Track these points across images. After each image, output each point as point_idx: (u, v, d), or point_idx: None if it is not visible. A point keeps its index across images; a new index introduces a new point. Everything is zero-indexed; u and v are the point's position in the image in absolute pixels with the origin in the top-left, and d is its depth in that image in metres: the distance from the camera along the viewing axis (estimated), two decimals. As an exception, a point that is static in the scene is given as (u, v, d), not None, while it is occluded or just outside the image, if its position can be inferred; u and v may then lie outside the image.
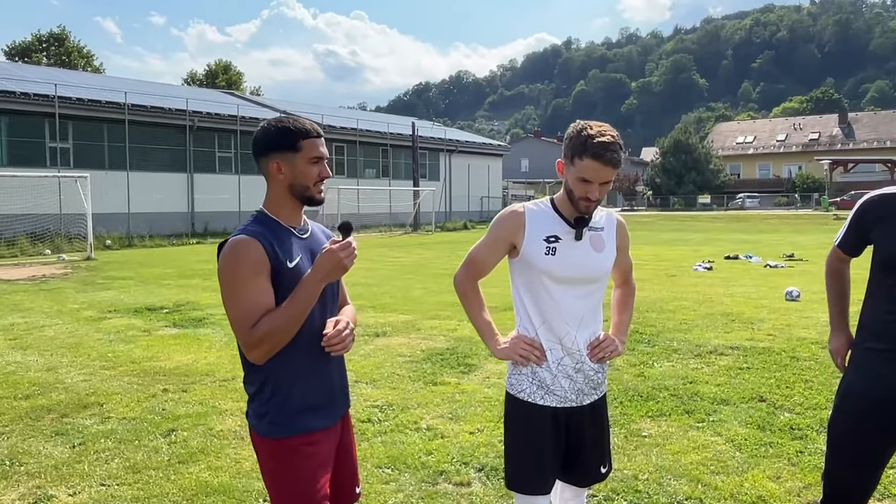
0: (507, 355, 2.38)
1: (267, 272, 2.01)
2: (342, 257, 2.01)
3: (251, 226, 2.09)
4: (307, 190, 2.13)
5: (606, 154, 2.18)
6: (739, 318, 8.53)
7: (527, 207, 2.40)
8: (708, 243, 23.23)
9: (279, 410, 2.08)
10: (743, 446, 4.24)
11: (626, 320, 2.60)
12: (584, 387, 2.38)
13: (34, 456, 4.24)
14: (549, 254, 2.30)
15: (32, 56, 50.68)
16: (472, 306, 2.50)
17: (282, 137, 2.10)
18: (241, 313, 1.99)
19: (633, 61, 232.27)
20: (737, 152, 69.67)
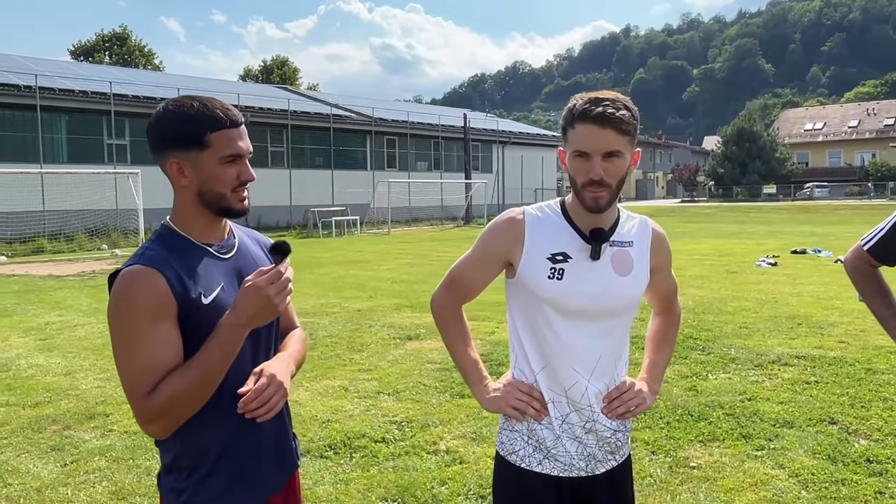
0: (498, 407, 1.82)
1: (172, 315, 1.51)
2: (271, 295, 1.48)
3: (151, 248, 1.58)
4: (222, 199, 1.60)
5: (598, 109, 1.60)
6: (807, 322, 7.76)
7: (527, 213, 1.80)
8: (772, 236, 22.00)
9: (200, 489, 1.61)
10: (810, 483, 3.62)
11: (662, 361, 1.98)
12: (596, 451, 1.80)
13: (21, 475, 3.96)
14: (555, 277, 1.72)
15: (95, 56, 52.18)
16: (452, 339, 1.93)
17: (181, 128, 1.55)
18: (134, 375, 1.49)
19: (694, 48, 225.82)
20: (805, 140, 66.61)
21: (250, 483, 1.67)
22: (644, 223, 1.85)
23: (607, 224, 1.76)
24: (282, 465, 1.76)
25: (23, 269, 15.54)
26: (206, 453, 1.61)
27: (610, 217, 1.77)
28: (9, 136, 23.19)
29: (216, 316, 1.55)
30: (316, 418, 4.83)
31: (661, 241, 1.87)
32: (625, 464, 1.88)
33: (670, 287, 1.99)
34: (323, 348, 6.97)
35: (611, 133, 1.61)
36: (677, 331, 2.05)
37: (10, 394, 5.57)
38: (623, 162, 1.66)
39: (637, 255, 1.79)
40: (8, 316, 9.29)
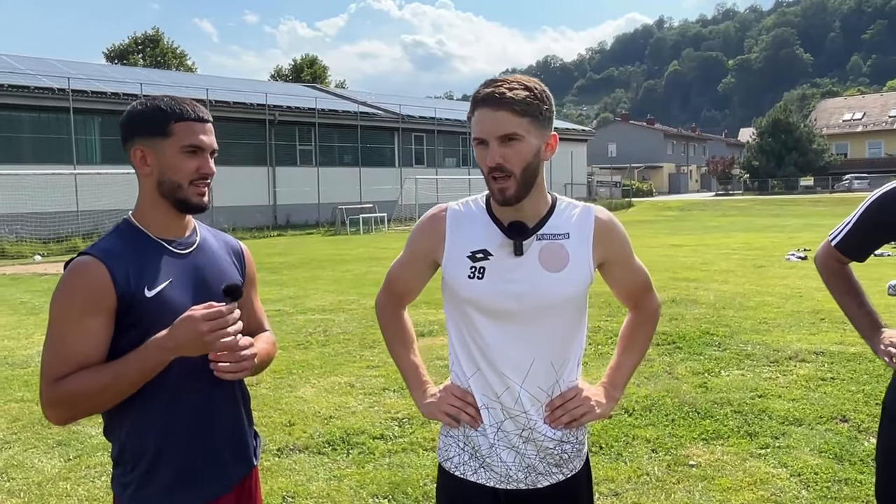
0: (432, 413, 1.72)
1: (107, 309, 1.53)
2: (203, 331, 1.49)
3: (105, 241, 1.62)
4: (179, 190, 1.62)
5: (488, 90, 1.51)
6: (830, 317, 7.54)
7: (450, 209, 1.71)
8: (806, 229, 21.50)
9: (143, 484, 1.61)
10: (811, 483, 3.51)
11: (627, 363, 1.79)
12: (537, 463, 1.67)
13: (25, 470, 4.04)
14: (475, 276, 1.61)
15: (129, 58, 53.24)
16: (391, 342, 1.86)
17: (148, 117, 1.61)
18: (50, 359, 1.53)
19: (730, 38, 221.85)
20: (843, 130, 64.90)
21: (196, 481, 1.65)
22: (586, 212, 1.69)
23: (535, 215, 1.64)
24: (234, 464, 1.73)
25: (55, 269, 15.90)
26: (148, 448, 1.61)
27: (537, 207, 1.64)
28: (43, 139, 23.81)
29: (158, 310, 1.56)
30: (318, 415, 4.85)
31: (609, 231, 1.69)
32: (576, 479, 1.72)
33: (637, 281, 1.80)
34: (335, 345, 7.00)
35: (505, 115, 1.50)
36: (651, 329, 1.85)
37: (25, 390, 5.69)
38: (524, 146, 1.53)
39: (575, 247, 1.64)
40: (35, 314, 9.51)
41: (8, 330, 8.35)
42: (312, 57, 62.84)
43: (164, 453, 1.61)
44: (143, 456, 1.61)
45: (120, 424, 1.62)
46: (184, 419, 1.63)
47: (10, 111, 23.02)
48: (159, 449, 1.61)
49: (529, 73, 73.36)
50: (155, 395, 1.58)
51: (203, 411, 1.66)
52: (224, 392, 1.70)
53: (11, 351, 7.16)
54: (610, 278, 1.76)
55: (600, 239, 1.67)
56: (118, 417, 1.62)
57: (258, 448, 1.84)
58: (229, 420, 1.72)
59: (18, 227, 21.15)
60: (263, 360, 1.77)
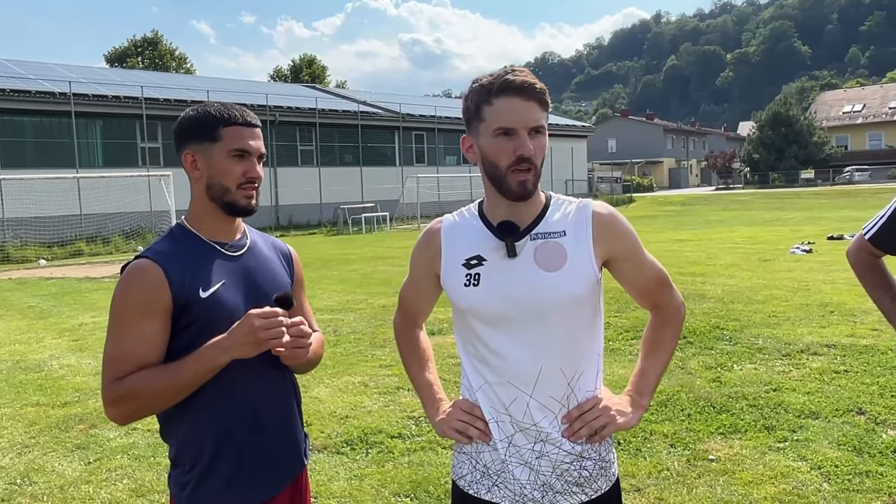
0: (443, 432, 1.65)
1: (163, 311, 1.58)
2: (258, 326, 1.53)
3: (160, 244, 1.67)
4: (227, 193, 1.66)
5: (521, 78, 1.47)
6: (839, 310, 7.56)
7: (444, 221, 1.68)
8: (809, 222, 21.48)
9: (200, 485, 1.65)
10: (832, 476, 3.52)
11: (653, 368, 1.66)
12: (552, 480, 1.56)
13: (46, 474, 4.06)
14: (471, 284, 1.56)
15: (129, 61, 53.24)
16: (406, 361, 1.84)
17: (198, 123, 1.66)
18: (110, 359, 1.58)
19: (728, 32, 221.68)
20: (843, 122, 64.87)
21: (253, 479, 1.68)
22: (583, 207, 1.60)
23: (529, 214, 1.58)
24: (286, 464, 1.76)
25: (60, 272, 15.94)
26: (206, 448, 1.64)
27: (531, 207, 1.58)
28: (46, 143, 23.82)
29: (213, 310, 1.61)
30: (334, 414, 4.86)
31: (610, 226, 1.58)
32: (600, 501, 1.59)
33: (650, 278, 1.66)
34: (346, 344, 7.01)
35: (535, 106, 1.49)
36: (675, 330, 1.70)
37: (41, 394, 5.71)
38: (545, 140, 1.53)
39: (573, 245, 1.55)
40: (44, 318, 9.53)
41: (18, 334, 8.37)
42: (311, 57, 62.79)
43: (222, 452, 1.64)
44: (200, 456, 1.64)
45: (178, 425, 1.65)
46: (240, 418, 1.66)
47: (13, 116, 23.02)
48: (217, 448, 1.64)
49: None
50: (212, 395, 1.61)
51: (259, 410, 1.69)
52: (279, 391, 1.75)
53: (24, 355, 7.18)
54: (619, 276, 1.65)
55: (601, 234, 1.57)
56: (175, 418, 1.65)
57: (307, 448, 1.87)
58: (284, 419, 1.76)
59: (22, 232, 21.17)
60: (311, 359, 1.78)
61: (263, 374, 1.67)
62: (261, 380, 1.68)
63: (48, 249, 20.70)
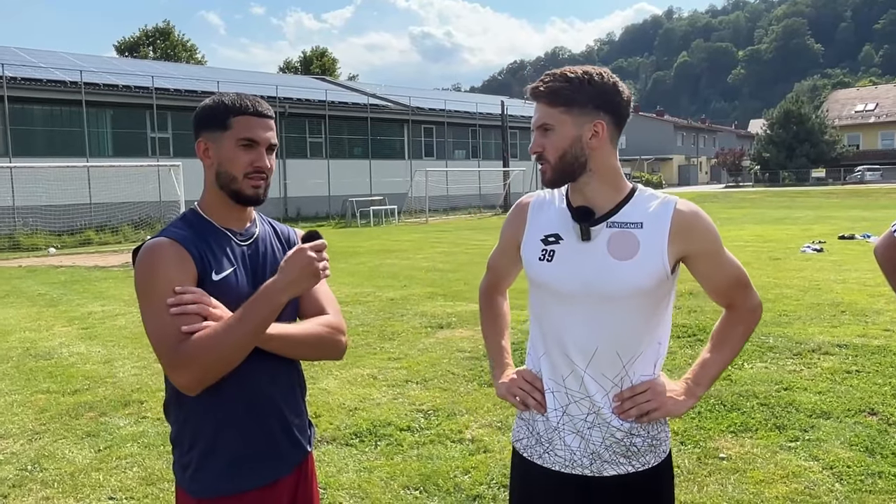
0: (503, 395, 1.79)
1: (191, 279, 1.60)
2: (314, 258, 1.58)
3: (174, 227, 1.67)
4: (234, 181, 1.66)
5: (531, 86, 1.64)
6: (851, 310, 7.51)
7: (536, 196, 1.78)
8: (820, 221, 21.35)
9: (202, 465, 1.64)
10: (844, 476, 3.50)
11: (715, 361, 1.71)
12: (602, 450, 1.65)
13: (57, 461, 4.07)
14: (545, 259, 1.67)
15: (140, 51, 53.32)
16: (486, 324, 1.95)
17: (211, 112, 1.68)
18: (163, 328, 1.54)
19: (740, 28, 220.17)
20: (856, 121, 64.37)
21: (255, 463, 1.67)
22: (666, 204, 1.63)
23: (607, 202, 1.64)
24: (289, 451, 1.75)
25: (70, 261, 16.01)
26: (207, 430, 1.64)
27: (608, 194, 1.64)
28: (57, 132, 23.90)
29: (223, 293, 1.62)
30: (343, 406, 4.86)
31: (691, 225, 1.61)
32: (649, 475, 1.66)
33: (728, 278, 1.69)
34: (354, 337, 7.01)
35: (541, 107, 1.62)
36: (747, 329, 1.74)
37: (51, 381, 5.74)
38: (557, 136, 1.60)
39: (647, 237, 1.59)
40: (54, 306, 9.58)
41: (28, 321, 8.41)
42: (322, 49, 62.79)
43: (223, 435, 1.64)
44: (200, 437, 1.64)
45: (180, 405, 1.65)
46: (244, 402, 1.65)
47: (24, 104, 23.09)
48: (218, 430, 1.64)
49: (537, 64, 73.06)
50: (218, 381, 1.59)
51: (263, 395, 1.68)
52: (283, 377, 1.73)
53: (34, 343, 7.21)
54: (696, 273, 1.69)
55: (679, 232, 1.60)
56: (178, 397, 1.64)
57: (313, 436, 1.85)
58: (288, 404, 1.75)
59: (32, 220, 21.27)
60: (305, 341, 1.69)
61: (268, 359, 1.65)
62: (266, 364, 1.66)
63: (58, 238, 20.80)
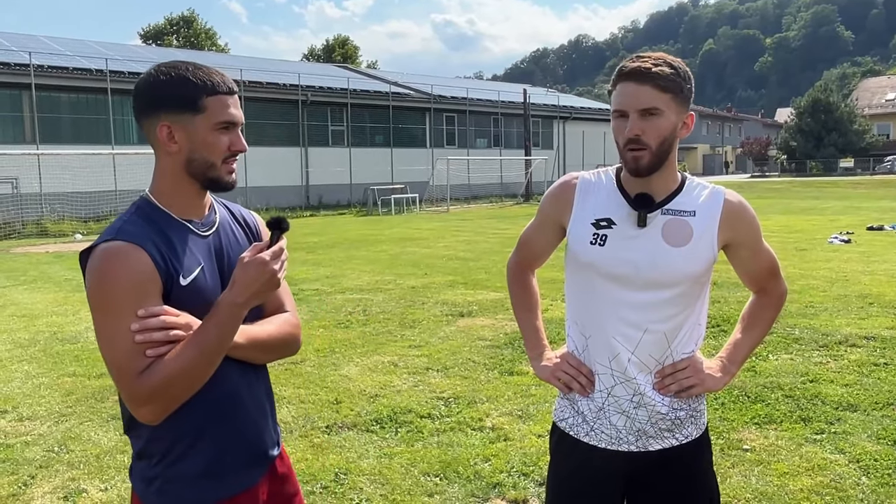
0: (546, 377, 1.80)
1: (157, 292, 1.42)
2: (276, 269, 1.42)
3: (130, 223, 1.46)
4: (211, 168, 1.50)
5: (634, 65, 1.58)
6: (879, 301, 7.38)
7: (581, 178, 1.77)
8: (847, 212, 20.99)
9: (171, 477, 1.51)
10: (871, 470, 3.44)
11: (747, 342, 1.80)
12: (647, 427, 1.71)
13: (82, 442, 4.13)
14: (597, 243, 1.67)
15: (164, 39, 53.72)
16: (518, 303, 1.95)
17: (176, 90, 1.45)
18: (122, 356, 1.39)
19: (767, 15, 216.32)
20: (886, 110, 63.06)
21: (227, 472, 1.56)
22: (716, 193, 1.70)
23: (663, 190, 1.67)
24: (263, 453, 1.65)
25: (96, 247, 16.21)
26: (179, 440, 1.50)
27: (666, 183, 1.68)
28: (82, 119, 24.19)
29: (194, 299, 1.47)
30: (364, 393, 4.88)
31: (739, 214, 1.70)
32: (691, 447, 1.74)
33: (763, 265, 1.79)
34: (375, 324, 7.03)
35: (648, 89, 1.56)
36: (776, 313, 1.86)
37: (77, 364, 5.82)
38: (663, 121, 1.58)
39: (700, 226, 1.66)
40: (80, 291, 9.70)
41: (56, 306, 8.54)
42: (344, 37, 62.76)
43: (195, 444, 1.52)
44: (172, 448, 1.50)
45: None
46: (212, 409, 1.52)
47: (50, 91, 23.39)
48: (192, 439, 1.51)
49: (560, 52, 72.40)
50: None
51: (235, 399, 1.57)
52: (253, 382, 1.62)
53: (61, 327, 7.32)
54: (735, 261, 1.78)
55: (728, 221, 1.68)
56: None
57: (279, 437, 1.73)
58: (258, 410, 1.64)
59: (59, 206, 21.58)
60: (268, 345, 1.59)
61: (237, 366, 1.55)
62: (231, 370, 1.54)
63: (84, 224, 21.10)
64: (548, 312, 7.08)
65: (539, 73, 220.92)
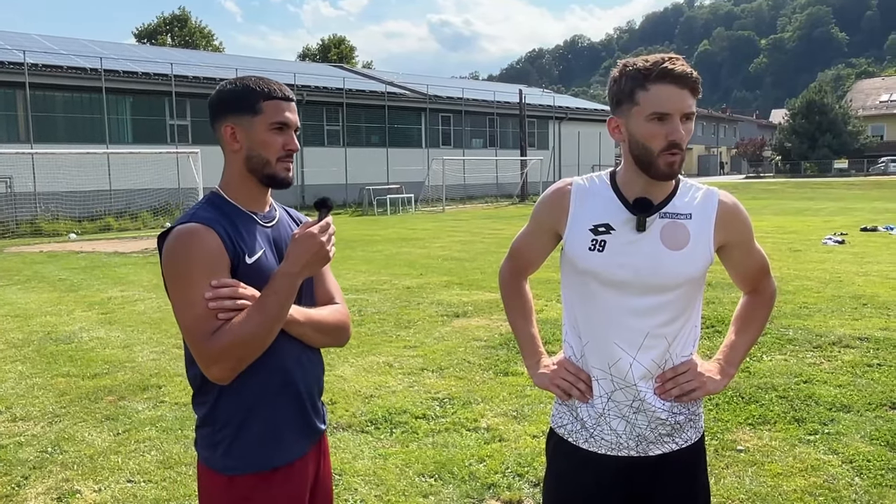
0: (545, 385, 1.79)
1: (226, 268, 1.62)
2: (324, 241, 1.62)
3: (203, 210, 1.67)
4: (267, 165, 1.69)
5: (679, 68, 1.54)
6: (872, 302, 7.41)
7: (575, 184, 1.75)
8: (842, 213, 21.07)
9: (235, 442, 1.67)
10: (864, 470, 3.45)
11: (742, 343, 1.81)
12: (647, 433, 1.70)
13: (76, 443, 4.12)
14: (596, 249, 1.66)
15: (158, 38, 53.57)
16: (512, 311, 1.93)
17: (239, 96, 1.69)
18: (196, 320, 1.57)
19: (762, 16, 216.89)
20: (880, 112, 63.29)
21: (284, 441, 1.71)
22: (710, 195, 1.70)
23: (661, 194, 1.67)
24: (316, 418, 1.81)
25: (90, 247, 16.18)
26: (239, 409, 1.66)
27: (664, 187, 1.67)
28: (77, 118, 24.09)
29: (257, 276, 1.64)
30: (359, 393, 4.88)
31: (733, 215, 1.70)
32: (690, 450, 1.75)
33: (755, 265, 1.81)
34: (370, 325, 7.03)
35: (687, 94, 1.56)
36: (768, 312, 1.86)
37: (71, 365, 5.81)
38: (691, 125, 1.60)
39: (697, 228, 1.66)
40: (74, 291, 9.68)
41: (49, 306, 8.51)
42: (340, 37, 62.69)
43: (256, 411, 1.67)
44: (234, 416, 1.66)
45: (213, 386, 1.66)
46: (274, 381, 1.68)
47: (44, 90, 23.28)
48: (250, 409, 1.66)
49: (556, 52, 72.36)
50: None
51: (291, 374, 1.71)
52: (308, 357, 1.77)
53: (54, 327, 7.30)
54: (728, 261, 1.78)
55: (723, 222, 1.69)
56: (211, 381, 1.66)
57: (326, 415, 1.90)
58: (312, 383, 1.79)
59: (53, 206, 21.50)
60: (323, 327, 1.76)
61: (296, 341, 1.71)
62: (294, 346, 1.71)
63: (78, 224, 21.02)
64: (543, 313, 7.09)
65: (535, 74, 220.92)
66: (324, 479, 1.87)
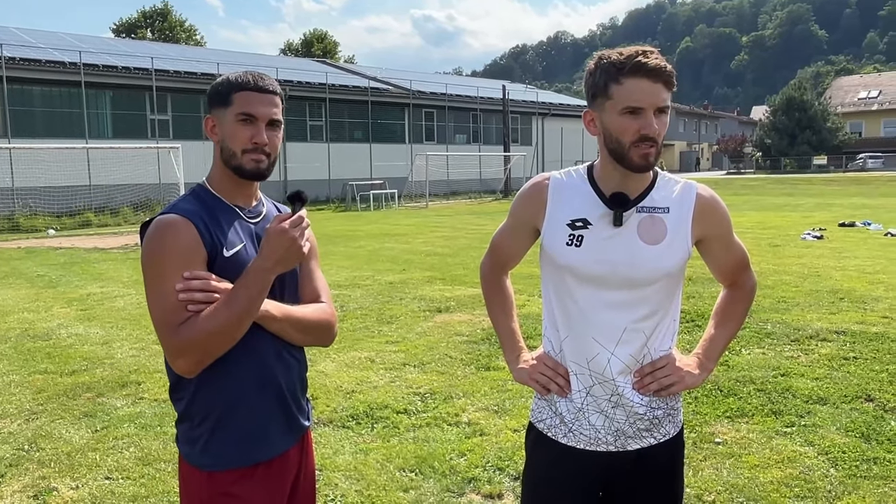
0: (524, 380, 1.79)
1: (201, 261, 1.61)
2: (295, 237, 1.59)
3: (184, 202, 1.68)
4: (234, 157, 1.67)
5: (652, 62, 1.52)
6: (850, 297, 7.51)
7: (552, 178, 1.74)
8: (821, 209, 21.31)
9: (213, 437, 1.66)
10: (840, 461, 3.50)
11: (722, 337, 1.79)
12: (626, 427, 1.71)
13: (53, 440, 4.08)
14: (573, 244, 1.66)
15: (138, 32, 52.91)
16: (492, 306, 1.93)
17: (217, 89, 1.70)
18: (165, 312, 1.57)
19: (744, 14, 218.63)
20: (858, 109, 64.03)
21: (265, 437, 1.69)
22: (687, 188, 1.70)
23: (638, 188, 1.66)
24: (296, 422, 1.79)
25: (69, 242, 16.00)
26: (217, 404, 1.65)
27: (641, 181, 1.66)
28: (56, 113, 23.78)
29: (234, 270, 1.62)
30: (340, 389, 4.87)
31: (711, 209, 1.70)
32: (668, 445, 1.74)
33: (735, 259, 1.80)
34: (353, 320, 7.01)
35: (661, 87, 1.55)
36: (747, 306, 1.86)
37: (49, 362, 5.74)
38: (666, 119, 1.58)
39: (674, 222, 1.66)
40: (53, 287, 9.57)
41: (27, 303, 8.40)
42: (322, 32, 62.33)
43: (234, 410, 1.65)
44: (212, 411, 1.65)
45: (190, 381, 1.65)
46: (252, 377, 1.67)
47: (22, 84, 22.94)
48: (229, 405, 1.65)
49: (539, 48, 72.18)
50: (230, 354, 1.61)
51: (270, 370, 1.69)
52: (288, 353, 1.75)
53: (32, 324, 7.21)
54: (707, 255, 1.77)
55: (701, 216, 1.68)
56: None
57: (310, 411, 1.88)
58: (292, 380, 1.77)
59: (32, 201, 21.21)
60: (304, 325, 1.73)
61: (280, 340, 1.70)
62: (273, 341, 1.69)
63: (57, 219, 20.76)
64: (524, 308, 7.11)
65: (518, 70, 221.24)
66: (307, 475, 1.86)
